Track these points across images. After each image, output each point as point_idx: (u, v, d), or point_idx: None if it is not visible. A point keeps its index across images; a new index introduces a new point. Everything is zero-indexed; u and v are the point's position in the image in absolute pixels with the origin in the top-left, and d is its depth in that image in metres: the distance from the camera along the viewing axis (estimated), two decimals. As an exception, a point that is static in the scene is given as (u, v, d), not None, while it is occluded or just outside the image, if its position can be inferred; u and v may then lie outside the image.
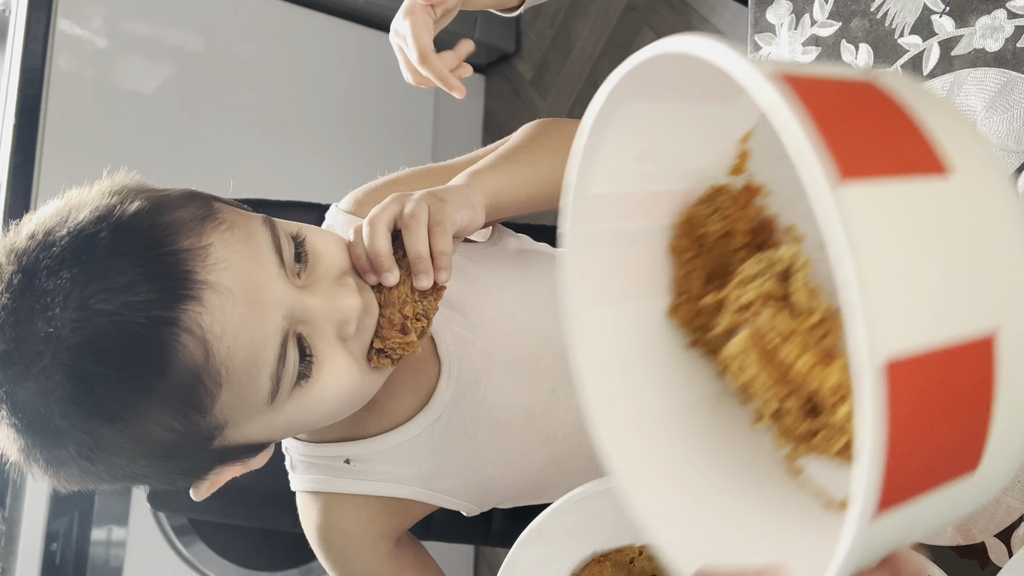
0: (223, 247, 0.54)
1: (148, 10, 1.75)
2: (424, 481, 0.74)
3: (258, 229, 0.57)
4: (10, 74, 1.59)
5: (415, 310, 0.62)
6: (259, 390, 0.55)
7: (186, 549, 1.66)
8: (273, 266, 0.56)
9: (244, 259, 0.54)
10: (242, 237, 0.55)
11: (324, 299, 0.58)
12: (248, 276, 0.54)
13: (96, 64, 1.68)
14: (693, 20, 1.90)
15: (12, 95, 1.57)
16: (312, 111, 1.95)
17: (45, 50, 1.61)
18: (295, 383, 0.57)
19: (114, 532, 1.60)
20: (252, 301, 0.54)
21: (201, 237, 0.53)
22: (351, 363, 0.60)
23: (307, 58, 1.95)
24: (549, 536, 0.55)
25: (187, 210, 0.55)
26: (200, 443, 0.56)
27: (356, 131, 1.99)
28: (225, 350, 0.52)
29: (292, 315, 0.56)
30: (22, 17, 1.59)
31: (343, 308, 0.58)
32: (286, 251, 0.58)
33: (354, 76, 2.01)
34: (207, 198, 0.58)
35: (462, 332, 0.73)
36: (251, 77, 1.87)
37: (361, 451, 0.73)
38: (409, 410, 0.73)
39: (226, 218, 0.56)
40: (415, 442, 0.73)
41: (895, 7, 0.69)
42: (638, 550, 0.60)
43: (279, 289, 0.56)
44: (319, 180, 1.93)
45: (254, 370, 0.54)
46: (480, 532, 1.05)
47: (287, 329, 0.56)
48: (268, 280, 0.55)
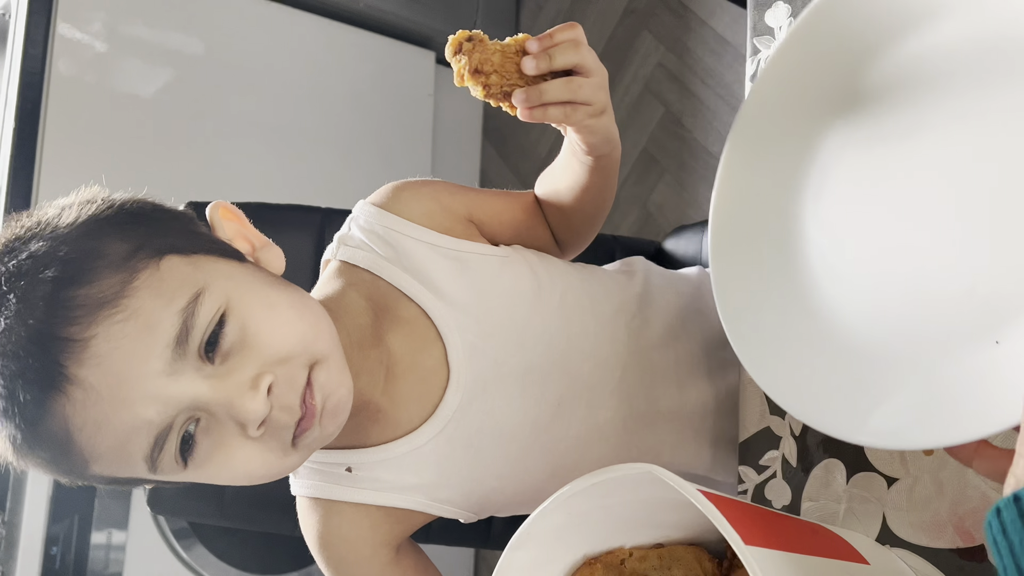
0: (105, 342, 0.54)
1: (148, 14, 1.75)
2: (425, 492, 0.74)
3: (164, 317, 0.56)
4: (10, 78, 1.59)
5: (494, 82, 0.65)
6: (133, 466, 0.58)
7: (186, 553, 1.66)
8: (160, 362, 0.56)
9: (123, 356, 0.55)
10: (135, 330, 0.55)
11: (225, 396, 0.57)
12: (121, 374, 0.55)
13: (96, 68, 1.69)
14: (692, 23, 1.90)
15: (12, 99, 1.57)
16: (312, 114, 1.95)
17: (45, 54, 1.61)
18: (180, 461, 0.59)
19: (114, 536, 1.59)
20: (119, 399, 0.55)
21: (88, 327, 0.54)
22: (255, 453, 0.60)
23: (307, 62, 1.95)
24: (539, 539, 0.55)
25: (97, 286, 0.55)
26: (98, 481, 0.61)
27: (356, 134, 2.00)
28: (86, 440, 0.56)
29: (182, 406, 0.57)
30: (22, 21, 1.60)
31: (241, 413, 0.58)
32: (197, 337, 0.57)
33: (354, 80, 2.01)
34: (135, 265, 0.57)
35: (474, 340, 0.73)
36: (250, 81, 1.87)
37: (363, 459, 0.72)
38: (414, 420, 0.72)
39: (130, 305, 0.55)
40: (419, 452, 0.72)
41: (893, 10, 0.69)
42: (628, 552, 0.60)
43: (160, 386, 0.56)
44: (319, 183, 1.93)
45: (123, 454, 0.57)
46: (480, 535, 1.05)
47: (168, 420, 0.57)
48: (146, 377, 0.55)
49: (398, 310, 0.73)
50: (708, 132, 1.85)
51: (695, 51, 1.89)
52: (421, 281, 0.73)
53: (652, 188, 1.94)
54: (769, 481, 0.71)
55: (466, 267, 0.75)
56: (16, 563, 1.50)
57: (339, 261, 0.76)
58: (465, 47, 0.64)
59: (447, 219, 0.76)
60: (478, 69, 0.64)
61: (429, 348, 0.72)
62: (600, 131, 0.70)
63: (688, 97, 1.89)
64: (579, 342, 0.76)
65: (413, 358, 0.72)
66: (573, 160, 0.76)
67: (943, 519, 0.60)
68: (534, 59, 0.64)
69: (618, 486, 0.51)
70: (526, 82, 0.66)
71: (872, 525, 0.63)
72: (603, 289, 0.81)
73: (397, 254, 0.74)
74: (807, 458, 0.69)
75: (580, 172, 0.76)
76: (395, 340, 0.72)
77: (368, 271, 0.74)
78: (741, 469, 0.73)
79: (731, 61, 1.82)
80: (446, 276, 0.74)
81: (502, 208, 0.80)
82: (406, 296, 0.73)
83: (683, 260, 1.14)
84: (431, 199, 0.77)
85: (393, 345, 0.72)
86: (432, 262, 0.74)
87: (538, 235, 0.82)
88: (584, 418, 0.76)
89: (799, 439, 0.70)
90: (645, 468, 0.48)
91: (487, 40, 0.65)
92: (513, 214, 0.80)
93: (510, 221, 0.80)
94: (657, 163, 1.93)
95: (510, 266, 0.77)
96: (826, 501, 0.67)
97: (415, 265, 0.74)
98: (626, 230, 1.99)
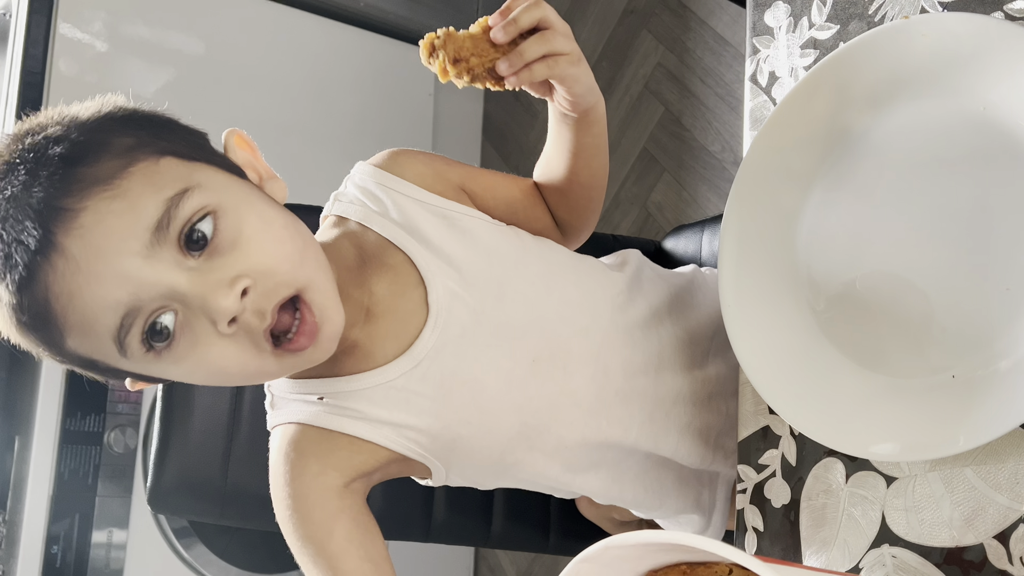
0: (92, 215, 0.58)
1: (148, 13, 1.76)
2: (394, 428, 0.73)
3: (149, 202, 0.60)
4: (11, 77, 1.59)
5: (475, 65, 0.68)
6: (103, 347, 0.61)
7: (187, 551, 1.66)
8: (138, 244, 0.59)
9: (105, 231, 0.58)
10: (120, 208, 0.59)
11: (200, 290, 0.61)
12: (100, 248, 0.58)
13: (96, 67, 1.69)
14: (692, 23, 1.90)
15: (13, 98, 1.57)
16: (311, 114, 1.95)
17: (46, 53, 1.61)
18: (151, 350, 0.61)
19: (115, 535, 1.60)
20: (94, 273, 0.58)
21: (81, 199, 0.58)
22: (229, 351, 0.63)
23: (306, 61, 1.95)
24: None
25: (98, 167, 0.59)
26: (78, 361, 0.64)
27: (355, 133, 2.00)
28: (60, 309, 0.59)
29: (156, 292, 0.60)
30: (23, 20, 1.60)
31: (211, 307, 0.61)
32: (176, 227, 0.60)
33: (353, 79, 2.01)
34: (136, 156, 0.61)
35: (455, 287, 0.75)
36: (251, 80, 1.87)
37: (335, 388, 0.73)
38: (388, 356, 0.74)
39: (121, 185, 0.59)
40: (391, 386, 0.73)
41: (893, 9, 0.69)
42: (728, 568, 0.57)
43: (134, 267, 0.59)
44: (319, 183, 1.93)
45: (92, 331, 0.60)
46: (480, 534, 1.06)
47: (137, 303, 0.60)
48: (122, 255, 0.59)
49: (384, 257, 0.76)
50: (708, 132, 1.85)
51: (695, 51, 1.89)
52: (408, 231, 0.76)
53: (652, 188, 1.94)
54: (769, 480, 0.71)
55: (453, 224, 0.78)
56: (17, 562, 1.50)
57: (333, 216, 0.80)
58: (436, 44, 0.68)
59: (439, 184, 0.80)
60: (456, 58, 0.68)
61: (410, 292, 0.75)
62: (583, 79, 0.73)
63: (688, 97, 1.89)
64: (560, 308, 0.78)
65: (394, 300, 0.74)
66: (561, 127, 0.79)
67: (943, 519, 0.60)
68: (502, 28, 0.68)
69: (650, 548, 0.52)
70: (503, 54, 0.69)
71: (872, 525, 0.64)
72: (592, 270, 0.83)
73: (387, 208, 0.77)
74: (806, 457, 0.69)
75: (570, 136, 0.79)
76: (378, 284, 0.75)
77: (359, 223, 0.77)
78: (741, 468, 0.73)
79: (731, 61, 1.82)
80: (432, 229, 0.77)
81: (497, 184, 0.84)
82: (393, 245, 0.76)
83: (683, 259, 1.14)
84: (425, 164, 0.81)
85: (376, 288, 0.75)
86: (420, 216, 0.77)
87: (537, 216, 0.85)
88: (559, 380, 0.77)
89: (799, 438, 0.70)
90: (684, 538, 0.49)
91: (455, 32, 0.69)
92: (508, 191, 0.84)
93: (504, 197, 0.83)
94: (657, 163, 1.93)
95: (498, 231, 0.80)
96: (825, 500, 0.67)
97: (403, 217, 0.77)
98: (625, 229, 1.99)
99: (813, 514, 0.68)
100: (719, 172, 1.82)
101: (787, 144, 0.72)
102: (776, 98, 0.77)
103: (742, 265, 0.73)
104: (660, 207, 1.93)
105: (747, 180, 0.74)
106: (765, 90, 0.78)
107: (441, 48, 0.68)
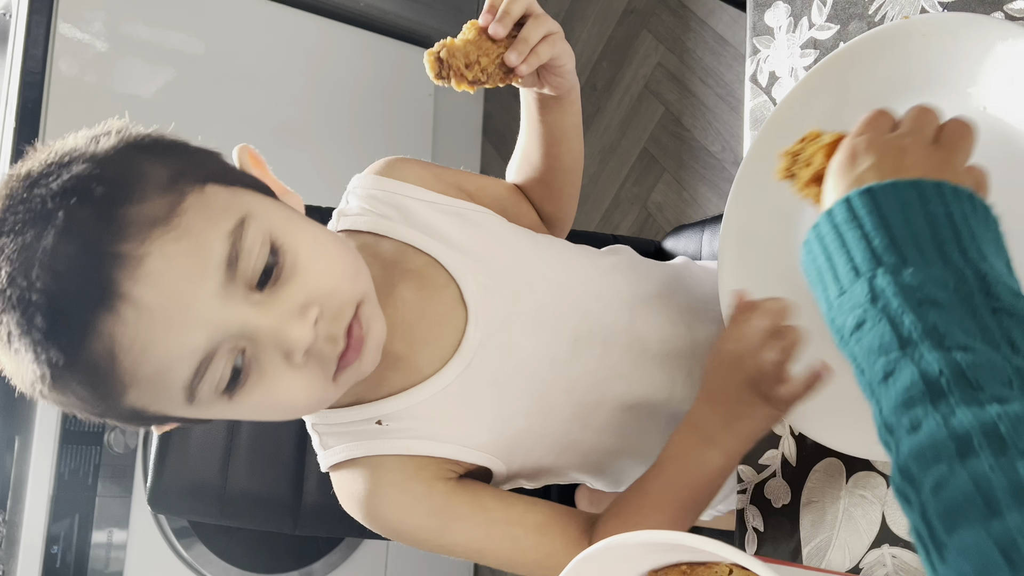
0: (159, 260, 0.53)
1: (148, 13, 1.75)
2: (458, 438, 0.72)
3: (214, 238, 0.56)
4: (10, 77, 1.59)
5: (486, 65, 0.70)
6: (172, 396, 0.57)
7: (187, 552, 1.66)
8: (213, 284, 0.55)
9: (177, 275, 0.54)
10: (187, 249, 0.55)
11: (272, 323, 0.58)
12: (174, 293, 0.54)
13: (96, 67, 1.69)
14: (692, 23, 1.90)
15: (13, 99, 1.57)
16: (312, 114, 1.95)
17: (45, 54, 1.61)
18: (224, 392, 0.58)
19: (115, 535, 1.60)
20: (170, 319, 0.54)
21: (142, 244, 0.53)
22: (298, 383, 0.60)
23: (306, 61, 1.95)
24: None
25: (147, 205, 0.55)
26: (124, 416, 0.59)
27: (356, 133, 2.00)
28: (131, 362, 0.54)
29: (230, 332, 0.56)
30: (23, 21, 1.60)
31: (287, 340, 0.58)
32: (247, 262, 0.57)
33: (353, 79, 2.01)
34: (182, 188, 0.57)
35: (485, 280, 0.75)
36: (251, 80, 1.87)
37: (391, 409, 0.71)
38: (435, 362, 0.72)
39: (181, 223, 0.55)
40: (447, 392, 0.72)
41: (893, 10, 0.69)
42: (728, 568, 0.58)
43: (211, 308, 0.55)
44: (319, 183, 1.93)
45: (164, 381, 0.56)
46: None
47: (214, 346, 0.56)
48: (198, 299, 0.55)
49: (406, 262, 0.74)
50: (708, 132, 1.85)
51: (695, 51, 1.89)
52: (425, 232, 0.75)
53: (652, 188, 1.94)
54: (769, 480, 0.71)
55: (466, 220, 0.78)
56: (17, 562, 1.50)
57: (339, 232, 0.77)
58: (443, 56, 0.69)
59: (439, 184, 0.80)
60: (467, 63, 0.69)
61: (440, 293, 0.74)
62: (571, 54, 0.76)
63: (688, 97, 1.89)
64: (584, 286, 0.79)
65: (425, 304, 0.73)
66: (544, 114, 0.81)
67: (942, 518, 0.60)
68: (498, 23, 0.70)
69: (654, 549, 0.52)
70: (505, 47, 0.71)
71: (872, 525, 0.64)
72: (597, 254, 0.86)
73: (399, 213, 0.76)
74: (807, 457, 0.69)
75: (553, 120, 0.81)
76: (406, 289, 0.73)
77: (371, 233, 0.76)
78: (741, 468, 0.73)
79: (731, 61, 1.82)
80: (449, 227, 0.76)
81: (486, 183, 0.85)
82: (413, 247, 0.75)
83: (683, 260, 1.14)
84: (423, 168, 0.81)
85: (404, 294, 0.73)
86: (433, 216, 0.77)
87: (523, 212, 0.87)
88: (600, 355, 0.77)
89: (799, 439, 0.70)
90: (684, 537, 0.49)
91: (453, 41, 0.70)
92: (497, 190, 0.86)
93: (495, 195, 0.85)
94: (657, 163, 1.93)
95: (507, 224, 0.81)
96: (826, 501, 0.67)
97: (418, 220, 0.76)
98: (625, 229, 1.99)
99: (813, 514, 0.68)
100: (719, 172, 1.82)
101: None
102: (776, 98, 0.77)
103: (742, 265, 0.73)
104: (660, 207, 1.93)
105: (747, 180, 0.74)
106: (765, 90, 0.78)
107: (449, 59, 0.69)
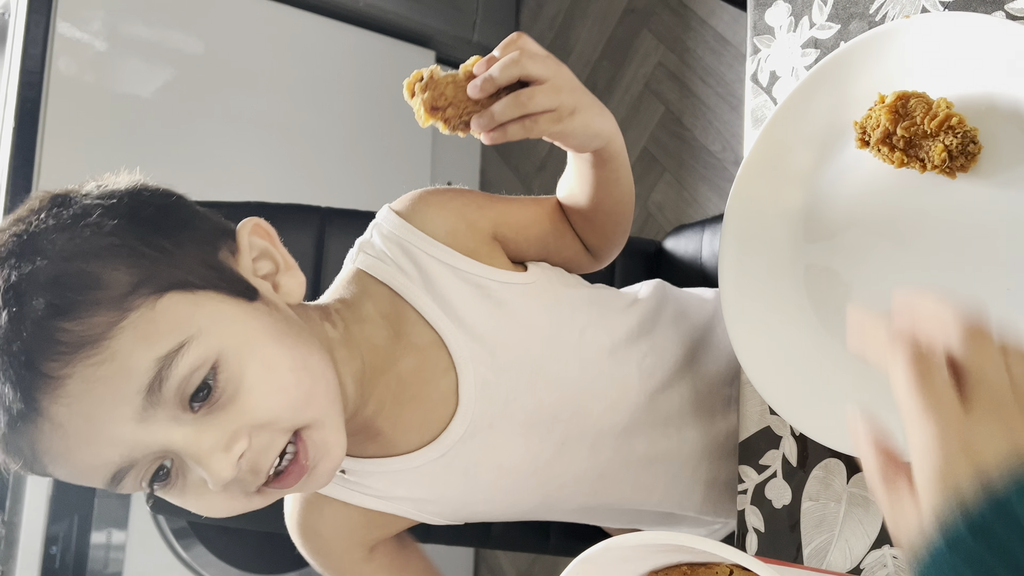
0: (80, 383, 0.54)
1: (148, 13, 1.75)
2: (413, 503, 0.74)
3: (140, 363, 0.55)
4: (9, 77, 1.59)
5: (450, 116, 0.65)
6: (99, 484, 0.59)
7: (186, 552, 1.66)
8: (129, 409, 0.55)
9: (94, 399, 0.55)
10: (108, 374, 0.55)
11: (195, 451, 0.57)
12: (89, 416, 0.55)
13: (95, 67, 1.68)
14: (692, 23, 1.90)
15: (12, 98, 1.57)
16: (311, 114, 1.95)
17: (44, 53, 1.61)
18: (150, 486, 0.60)
19: (114, 535, 1.59)
20: (84, 438, 0.56)
21: (66, 366, 0.54)
22: (218, 500, 0.61)
23: (306, 61, 1.95)
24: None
25: (85, 323, 0.55)
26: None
27: (355, 134, 1.99)
28: (49, 462, 0.58)
29: (150, 450, 0.57)
30: (21, 20, 1.60)
31: (207, 470, 0.57)
32: (176, 385, 0.56)
33: (353, 79, 2.01)
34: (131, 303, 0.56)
35: (487, 374, 0.72)
36: (250, 80, 1.87)
37: (357, 467, 0.73)
38: (413, 445, 0.72)
39: (110, 346, 0.55)
40: (415, 471, 0.73)
41: (894, 9, 0.69)
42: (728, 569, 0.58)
43: (126, 431, 0.56)
44: (318, 183, 1.93)
45: (85, 479, 0.59)
46: (479, 535, 1.05)
47: (130, 462, 0.57)
48: (114, 421, 0.55)
49: (413, 335, 0.71)
50: (708, 131, 1.85)
51: (695, 50, 1.89)
52: (442, 307, 0.72)
53: (652, 187, 1.94)
54: (769, 481, 0.71)
55: (487, 295, 0.73)
56: (16, 562, 1.50)
57: (357, 268, 0.74)
58: (418, 88, 0.65)
59: (472, 239, 0.75)
60: (434, 106, 0.64)
61: (439, 378, 0.71)
62: (576, 133, 0.67)
63: (688, 96, 1.89)
64: (593, 385, 0.75)
65: (420, 388, 0.71)
66: (575, 160, 0.74)
67: (943, 519, 0.60)
68: (478, 83, 0.64)
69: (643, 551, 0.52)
70: (482, 106, 0.65)
71: (872, 525, 0.64)
72: (620, 320, 0.79)
73: (420, 273, 0.72)
74: (807, 458, 0.69)
75: (585, 170, 0.74)
76: (406, 366, 0.71)
77: (388, 286, 0.72)
78: (741, 468, 0.73)
79: (731, 60, 1.82)
80: (467, 304, 0.72)
81: (529, 221, 0.78)
82: (424, 320, 0.72)
83: (683, 259, 1.14)
84: (457, 216, 0.75)
85: (404, 371, 0.71)
86: (454, 287, 0.72)
87: (567, 244, 0.80)
88: (586, 458, 0.76)
89: (799, 439, 0.70)
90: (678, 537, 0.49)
91: (439, 74, 0.65)
92: (540, 227, 0.78)
93: (537, 235, 0.78)
94: (657, 162, 1.93)
95: (533, 295, 0.75)
96: (826, 501, 0.67)
97: (437, 289, 0.72)
98: (626, 230, 1.99)
99: (814, 515, 0.67)
100: (720, 172, 1.82)
101: (788, 144, 0.71)
102: (777, 97, 0.77)
103: (742, 265, 0.73)
104: (661, 207, 1.93)
105: (748, 180, 0.73)
106: (766, 89, 0.78)
107: (422, 92, 0.64)
